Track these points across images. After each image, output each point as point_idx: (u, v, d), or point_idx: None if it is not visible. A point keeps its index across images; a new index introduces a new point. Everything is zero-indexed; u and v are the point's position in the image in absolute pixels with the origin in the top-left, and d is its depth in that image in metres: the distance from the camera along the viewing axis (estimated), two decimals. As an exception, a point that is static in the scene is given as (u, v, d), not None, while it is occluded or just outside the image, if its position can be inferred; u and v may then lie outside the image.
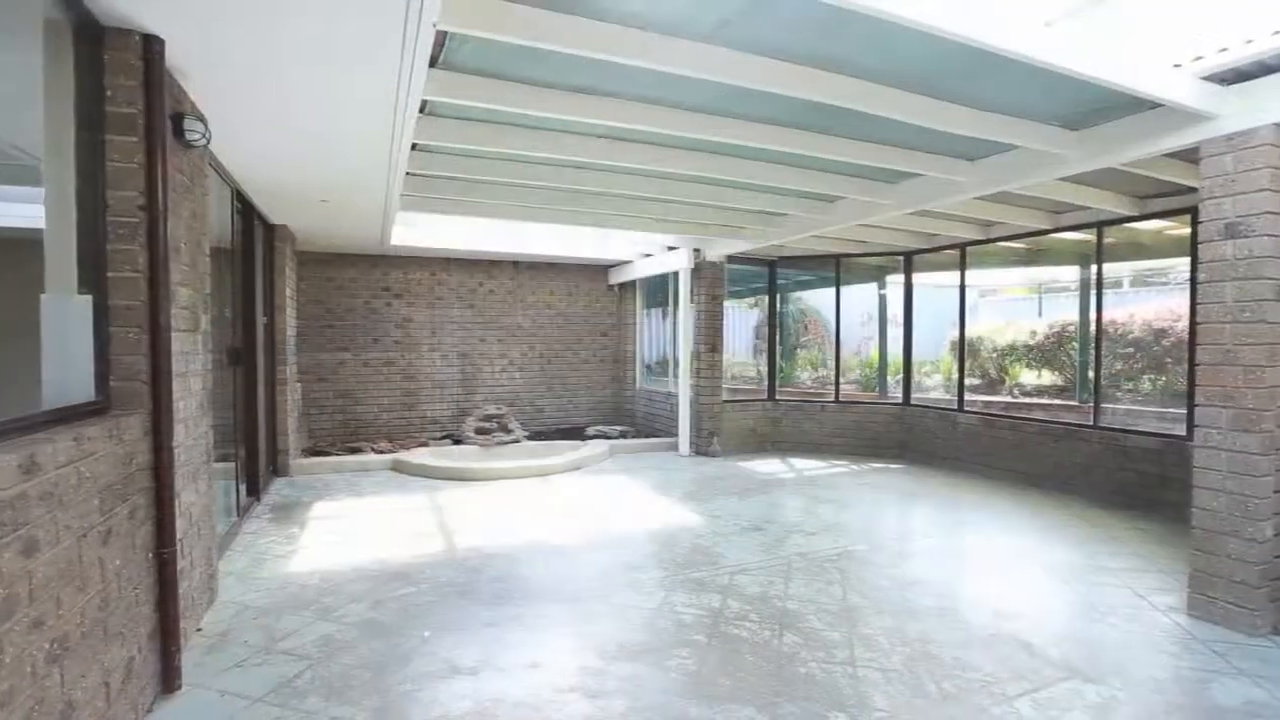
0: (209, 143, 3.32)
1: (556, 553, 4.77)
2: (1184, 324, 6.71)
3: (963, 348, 8.32)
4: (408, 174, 5.17)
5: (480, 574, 4.31)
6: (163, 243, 2.73)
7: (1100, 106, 3.90)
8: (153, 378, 2.72)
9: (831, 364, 9.77)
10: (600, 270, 10.90)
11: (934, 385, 10.21)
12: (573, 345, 10.78)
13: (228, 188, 4.98)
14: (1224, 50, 3.31)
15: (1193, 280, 3.76)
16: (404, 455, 7.88)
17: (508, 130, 4.35)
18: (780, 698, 2.84)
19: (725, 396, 9.17)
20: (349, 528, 5.34)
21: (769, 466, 8.11)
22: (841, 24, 2.89)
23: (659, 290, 10.60)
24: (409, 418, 9.56)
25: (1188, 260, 5.74)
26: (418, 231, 8.23)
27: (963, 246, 7.90)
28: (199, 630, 3.42)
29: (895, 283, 9.31)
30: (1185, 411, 5.81)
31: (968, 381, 8.49)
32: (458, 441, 9.02)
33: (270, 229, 6.91)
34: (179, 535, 2.95)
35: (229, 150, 4.24)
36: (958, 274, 8.09)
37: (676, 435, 9.12)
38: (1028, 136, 4.14)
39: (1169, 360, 7.93)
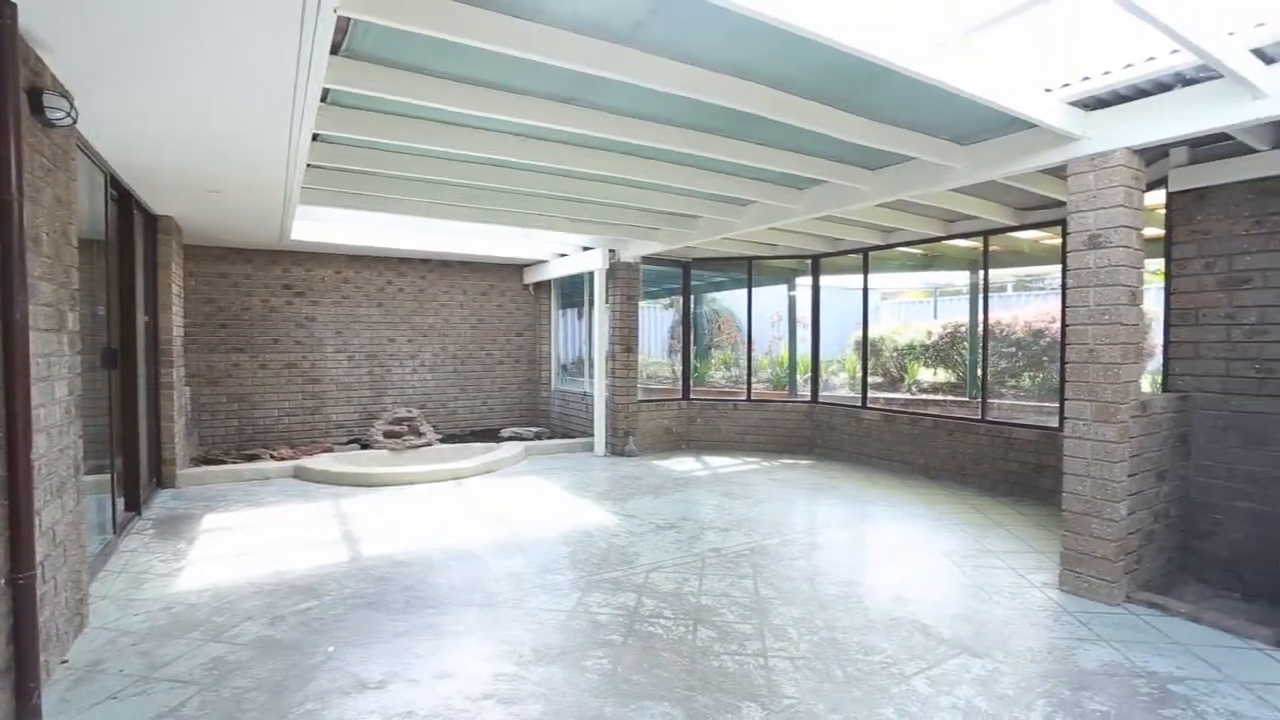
0: (75, 122, 3.03)
1: (470, 558, 4.66)
2: (1057, 326, 7.35)
3: (866, 347, 8.75)
4: (310, 166, 4.91)
5: (389, 583, 4.15)
6: (18, 231, 2.46)
7: (985, 124, 4.20)
8: (6, 382, 2.46)
9: (744, 363, 10.05)
10: (515, 269, 10.74)
11: (840, 383, 10.69)
12: (487, 346, 10.56)
13: (101, 173, 4.55)
14: (1086, 79, 3.65)
15: (1063, 286, 4.11)
16: (307, 461, 7.47)
17: (418, 124, 4.21)
18: (695, 692, 2.89)
19: (641, 396, 9.25)
20: (245, 540, 5.01)
21: (684, 465, 8.24)
22: (749, 32, 2.97)
23: (575, 290, 10.56)
24: (313, 422, 9.08)
25: (1060, 268, 6.29)
26: (322, 226, 7.81)
27: (865, 251, 8.32)
28: (64, 662, 3.10)
29: (804, 285, 9.69)
30: (1058, 405, 6.35)
31: (871, 380, 8.94)
32: (366, 446, 8.65)
33: (153, 220, 6.38)
34: (39, 558, 2.68)
35: (102, 132, 3.88)
36: (861, 277, 8.50)
37: (592, 436, 9.12)
38: (922, 149, 4.41)
39: (1046, 359, 8.66)
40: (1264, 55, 3.23)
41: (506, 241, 9.11)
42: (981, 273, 7.26)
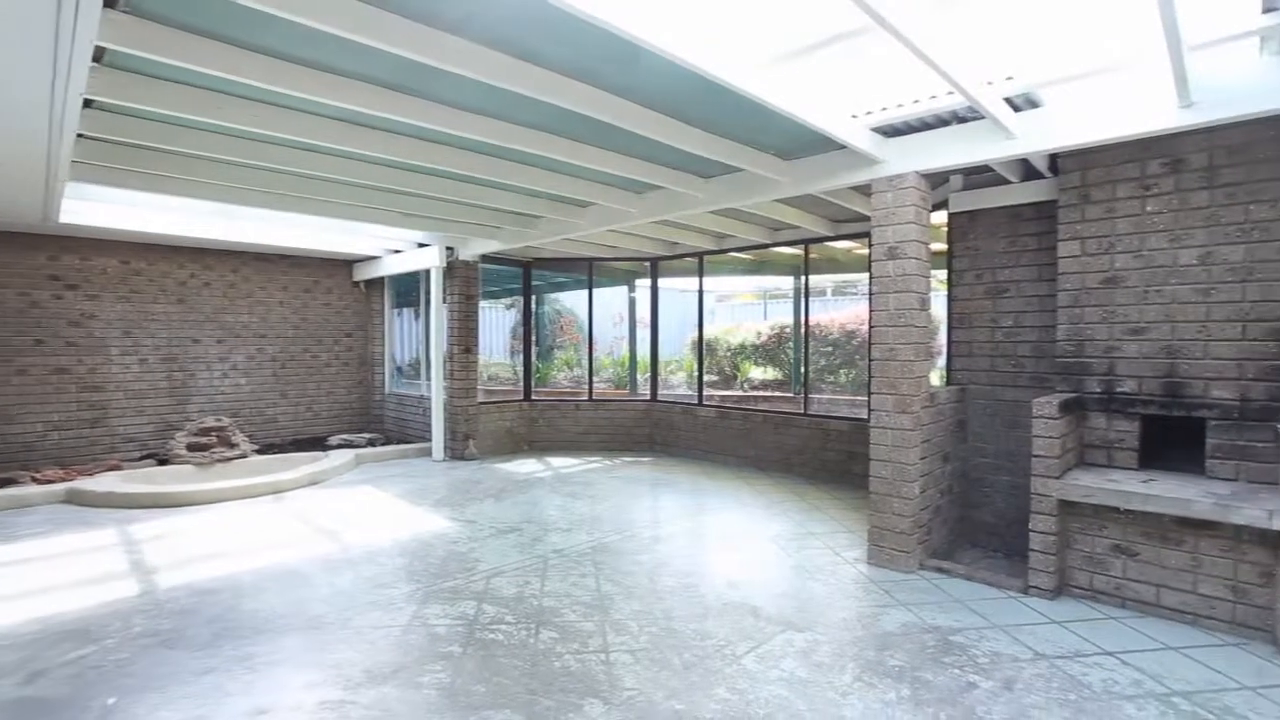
0: None
1: (291, 578, 4.26)
2: (866, 327, 8.21)
3: (701, 347, 9.21)
4: (86, 137, 4.22)
5: (192, 615, 3.68)
6: None
7: (805, 143, 4.59)
8: None
9: (586, 363, 10.14)
10: (344, 265, 10.00)
11: (679, 382, 11.14)
12: (312, 347, 9.73)
13: None
14: (884, 109, 4.11)
15: (870, 292, 4.59)
16: (85, 483, 6.41)
17: (220, 99, 3.76)
18: (537, 695, 2.87)
19: (481, 398, 9.02)
20: (-5, 581, 4.20)
21: (526, 467, 8.15)
22: (587, 36, 3.00)
23: (410, 289, 10.05)
24: (93, 437, 7.79)
25: (867, 275, 7.04)
26: (103, 209, 6.72)
27: (701, 255, 8.75)
28: None
29: (643, 286, 9.98)
30: (867, 399, 7.11)
31: (706, 378, 9.41)
32: (165, 461, 7.61)
33: None
34: None
35: None
36: (697, 280, 8.92)
37: (430, 440, 8.73)
38: (751, 162, 4.72)
39: (858, 357, 9.63)
40: (1013, 104, 3.85)
41: (332, 235, 8.45)
42: (803, 278, 7.93)
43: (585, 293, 9.79)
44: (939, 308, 5.74)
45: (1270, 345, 3.69)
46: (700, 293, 8.96)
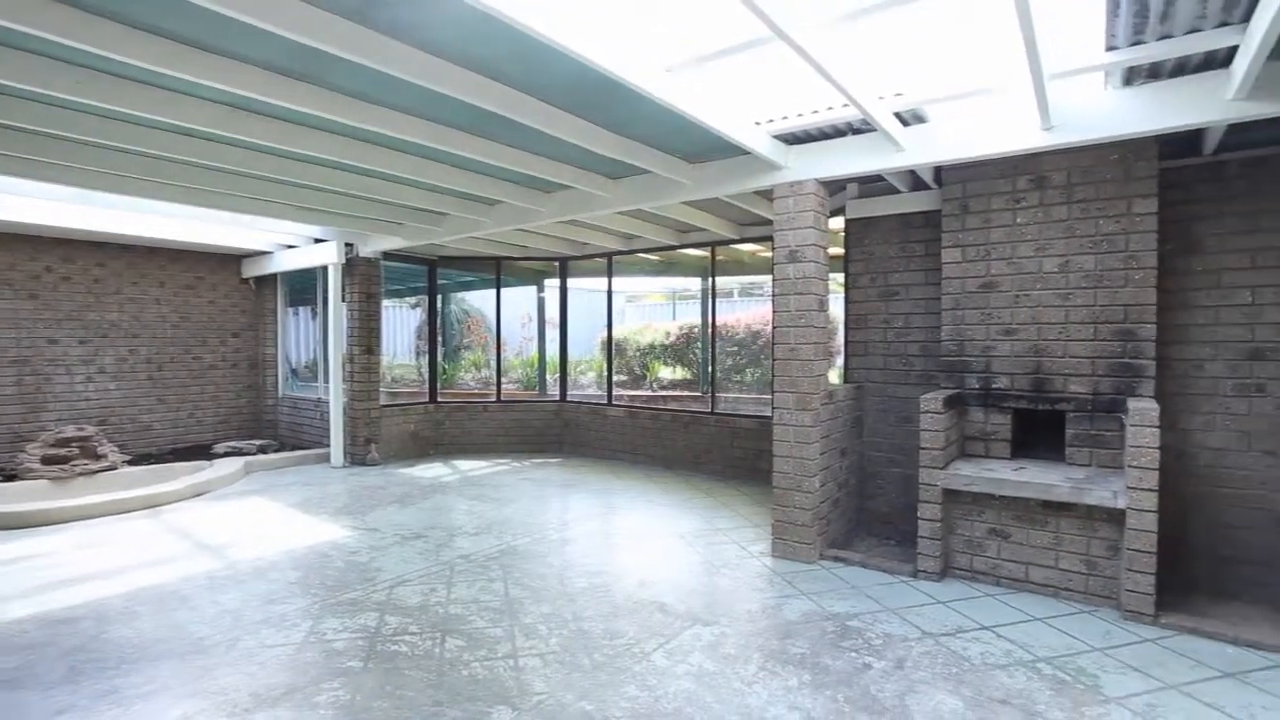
0: None
1: (169, 600, 3.93)
2: (770, 327, 8.50)
3: (610, 347, 9.23)
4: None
5: (42, 650, 3.31)
6: None
7: (710, 147, 4.69)
8: None
9: (494, 364, 9.95)
10: (231, 260, 9.32)
11: (589, 382, 11.13)
12: (194, 348, 9.01)
13: None
14: (785, 118, 4.28)
15: (773, 293, 4.76)
16: (-89, 503, 5.64)
17: (80, 74, 3.40)
18: (443, 706, 2.79)
19: (384, 401, 8.65)
20: None
21: (432, 471, 7.90)
22: (490, 30, 2.94)
23: (306, 286, 9.50)
24: (-78, 450, 6.88)
25: (771, 277, 7.30)
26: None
27: (610, 255, 8.78)
28: None
29: (552, 286, 9.90)
30: (771, 397, 7.37)
31: (616, 378, 9.45)
32: (13, 477, 6.80)
33: None
34: None
35: None
36: (606, 280, 8.95)
37: (329, 446, 8.29)
38: (658, 164, 4.77)
39: (763, 356, 9.96)
40: (902, 119, 4.10)
41: (218, 227, 7.86)
42: (710, 279, 8.12)
43: (493, 292, 9.60)
44: (837, 309, 6.04)
45: (1116, 345, 4.13)
46: (610, 293, 8.99)
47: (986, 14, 2.89)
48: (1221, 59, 3.25)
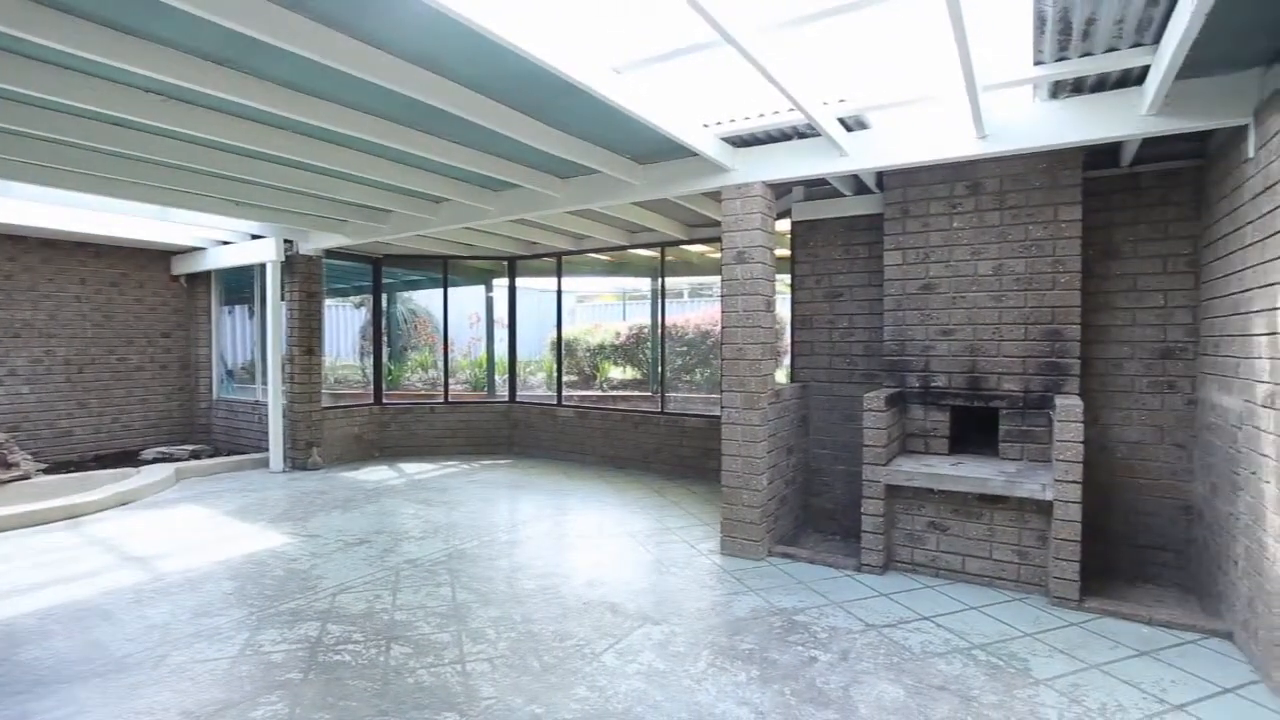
0: None
1: (89, 616, 3.71)
2: (719, 328, 8.60)
3: (560, 347, 9.18)
4: None
5: (-48, 669, 3.09)
6: None
7: (659, 148, 4.71)
8: None
9: (441, 365, 9.76)
10: (160, 256, 8.89)
11: (539, 383, 11.05)
12: (118, 349, 8.54)
13: None
14: (733, 120, 4.33)
15: (721, 294, 4.81)
16: None
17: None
18: (388, 715, 2.72)
19: (327, 403, 8.38)
20: None
21: (377, 474, 7.70)
22: (437, 26, 2.88)
23: (242, 284, 9.12)
24: None
25: (720, 278, 7.39)
26: None
27: (559, 255, 8.73)
28: None
29: (501, 286, 9.77)
30: (720, 396, 7.46)
31: (566, 378, 9.41)
32: (-89, 488, 6.32)
33: None
34: None
35: None
36: (556, 280, 8.89)
37: (268, 450, 7.98)
38: (606, 164, 4.77)
39: (712, 356, 10.06)
40: (846, 124, 4.21)
41: (146, 222, 7.48)
42: (660, 280, 8.16)
43: (440, 292, 9.40)
44: (784, 310, 6.15)
45: (1044, 345, 4.34)
46: (559, 293, 8.94)
47: (926, 25, 3.00)
48: (1136, 76, 3.45)
